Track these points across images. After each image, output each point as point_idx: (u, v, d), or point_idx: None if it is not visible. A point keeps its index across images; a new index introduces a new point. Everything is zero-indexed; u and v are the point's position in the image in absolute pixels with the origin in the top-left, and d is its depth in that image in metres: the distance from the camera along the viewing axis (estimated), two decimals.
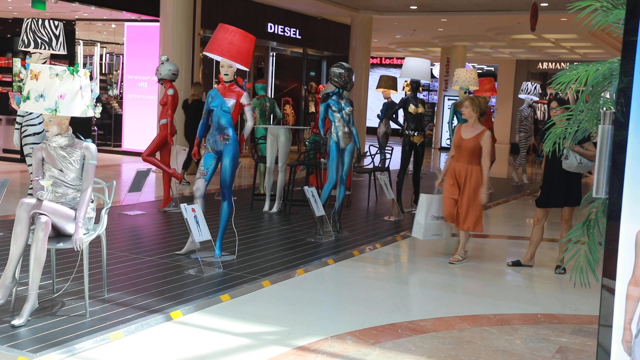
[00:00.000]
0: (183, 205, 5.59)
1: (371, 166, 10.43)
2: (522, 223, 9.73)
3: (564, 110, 5.85)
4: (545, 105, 23.14)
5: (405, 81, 14.33)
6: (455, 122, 10.66)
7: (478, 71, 12.97)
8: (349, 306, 5.11)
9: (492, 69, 29.30)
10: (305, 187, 7.19)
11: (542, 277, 6.33)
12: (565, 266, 6.31)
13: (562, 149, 4.94)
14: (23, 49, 6.35)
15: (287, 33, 18.73)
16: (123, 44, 15.94)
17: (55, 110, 4.19)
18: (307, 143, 10.30)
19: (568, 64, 24.85)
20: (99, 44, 19.35)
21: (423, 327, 4.66)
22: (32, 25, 6.29)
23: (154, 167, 8.54)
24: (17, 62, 16.72)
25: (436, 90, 26.66)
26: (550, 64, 27.32)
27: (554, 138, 3.69)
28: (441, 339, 4.43)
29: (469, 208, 6.49)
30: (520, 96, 13.30)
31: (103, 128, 16.44)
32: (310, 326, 4.55)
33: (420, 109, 9.10)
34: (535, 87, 13.17)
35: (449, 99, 22.98)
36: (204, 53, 6.28)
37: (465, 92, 10.69)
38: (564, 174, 6.15)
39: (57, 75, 4.20)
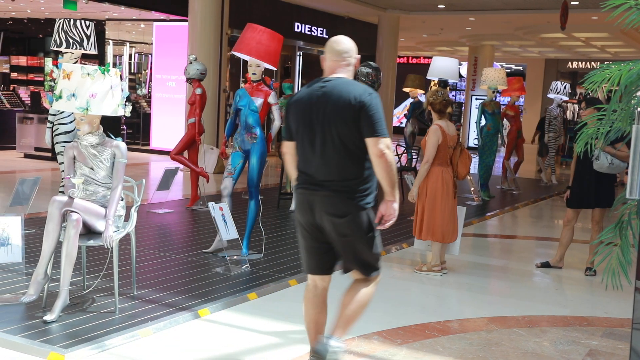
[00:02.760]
0: (211, 204, 5.63)
1: (398, 166, 10.39)
2: (551, 224, 9.62)
3: (594, 111, 5.76)
4: (575, 105, 22.85)
5: (433, 80, 14.23)
6: (483, 121, 10.58)
7: (506, 70, 12.84)
8: (375, 306, 5.08)
9: (521, 68, 29.01)
10: None
11: (572, 279, 6.25)
12: (596, 268, 6.23)
13: (594, 150, 4.86)
14: (55, 48, 6.45)
15: (314, 32, 18.75)
16: (152, 43, 16.10)
17: (87, 109, 4.25)
18: None
19: (599, 63, 24.52)
20: (128, 44, 19.56)
21: (450, 328, 4.63)
22: (64, 26, 6.38)
23: (182, 166, 8.60)
24: (48, 62, 17.01)
25: (463, 90, 26.48)
26: (580, 63, 26.98)
27: (585, 138, 3.64)
28: (469, 340, 4.40)
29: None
30: (549, 96, 13.15)
31: (132, 127, 16.61)
32: None
33: (448, 109, 9.04)
34: (565, 87, 13.01)
35: (476, 99, 22.80)
36: (232, 52, 6.31)
37: (493, 92, 10.60)
38: (596, 174, 6.07)
39: (88, 74, 4.26)
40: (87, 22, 6.49)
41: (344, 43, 3.55)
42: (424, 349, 4.19)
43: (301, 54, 20.20)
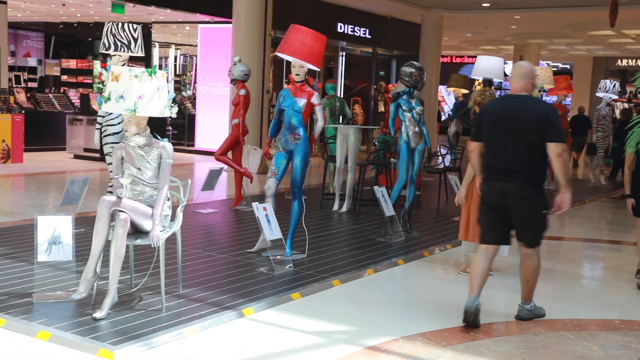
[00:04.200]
0: (255, 204, 5.68)
1: (442, 166, 10.31)
2: (599, 226, 9.41)
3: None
4: (625, 104, 22.29)
5: (477, 80, 14.07)
6: None
7: (552, 69, 12.61)
8: (419, 307, 5.07)
9: (568, 66, 28.46)
10: (375, 187, 7.17)
11: (621, 281, 6.10)
12: None
13: None
14: (104, 51, 6.58)
15: (357, 33, 18.73)
16: (196, 45, 16.31)
17: (134, 110, 4.33)
18: (376, 143, 10.27)
19: None
20: (173, 46, 19.86)
21: (496, 330, 4.57)
22: (113, 29, 6.51)
23: (226, 166, 8.69)
24: (97, 65, 17.38)
25: (508, 89, 26.11)
26: (630, 60, 26.31)
27: (637, 138, 3.55)
28: (515, 342, 4.34)
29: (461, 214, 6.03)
30: (598, 94, 12.87)
31: (177, 128, 16.86)
32: (380, 326, 4.54)
33: None
34: (614, 85, 12.70)
35: None
36: (276, 53, 6.35)
37: (539, 91, 10.43)
38: None
39: (136, 76, 4.34)
40: (135, 25, 6.61)
41: (526, 68, 4.62)
42: (468, 351, 4.14)
43: (344, 54, 20.20)
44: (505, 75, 24.73)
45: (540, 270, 4.75)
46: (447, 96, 27.25)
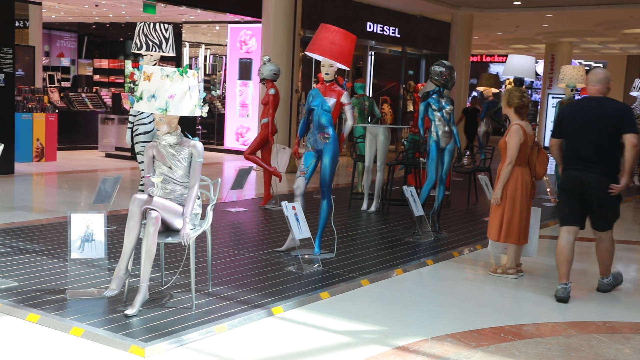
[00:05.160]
0: (284, 203, 5.69)
1: (471, 167, 10.23)
2: (633, 227, 9.25)
3: None
4: None
5: (508, 79, 13.93)
6: None
7: (585, 68, 12.44)
8: (448, 308, 5.03)
9: (601, 65, 28.00)
10: (404, 187, 7.15)
11: None
12: None
13: None
14: (136, 51, 6.65)
15: (386, 32, 18.67)
16: (226, 45, 16.40)
17: (166, 109, 4.37)
18: (405, 142, 10.23)
19: None
20: (203, 46, 20.01)
21: (527, 331, 4.52)
22: (145, 29, 6.58)
23: (255, 165, 8.73)
24: (128, 65, 17.60)
25: (539, 89, 25.78)
26: None
27: None
28: (546, 345, 4.29)
29: (492, 214, 5.92)
30: (632, 94, 12.64)
31: (206, 127, 16.98)
32: (409, 326, 4.52)
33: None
34: None
35: (553, 97, 22.17)
36: (306, 53, 6.36)
37: (572, 90, 10.28)
38: None
39: (167, 76, 4.38)
40: (166, 25, 6.67)
41: (602, 74, 5.36)
42: (499, 353, 4.11)
43: (373, 53, 20.15)
44: (537, 74, 24.48)
45: (614, 249, 5.54)
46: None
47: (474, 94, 26.28)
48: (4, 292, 4.67)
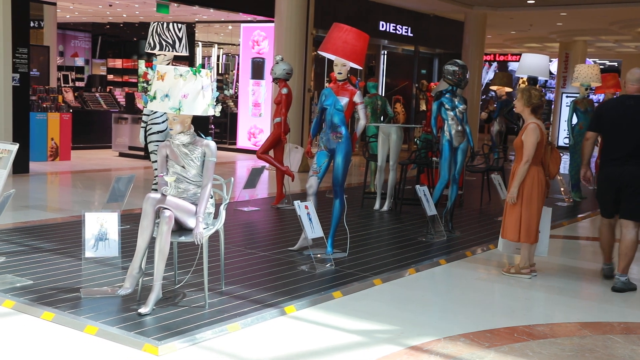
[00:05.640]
0: (296, 203, 5.70)
1: (484, 166, 10.19)
2: None
3: None
4: None
5: (521, 78, 13.87)
6: (574, 120, 10.21)
7: (600, 67, 12.34)
8: (461, 307, 5.02)
9: (615, 64, 27.80)
10: (417, 186, 7.13)
11: None
12: None
13: None
14: (149, 51, 6.68)
15: (399, 31, 18.64)
16: (239, 44, 16.44)
17: (179, 109, 4.39)
18: (417, 142, 10.21)
19: None
20: (216, 45, 20.06)
21: (541, 332, 4.50)
22: (158, 29, 6.60)
23: (267, 165, 8.75)
24: (142, 64, 17.69)
25: (553, 88, 25.64)
26: None
27: None
28: (560, 345, 4.26)
29: (506, 213, 5.86)
30: None
31: (219, 126, 17.03)
32: (422, 326, 4.51)
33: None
34: None
35: (567, 96, 22.03)
36: (318, 52, 6.36)
37: (586, 89, 10.22)
38: None
39: (181, 75, 4.39)
40: (179, 25, 6.69)
41: (639, 74, 5.75)
42: (512, 353, 4.09)
43: (386, 52, 20.12)
44: (551, 73, 24.35)
45: (637, 247, 5.68)
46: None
47: (491, 93, 26.18)
48: (19, 290, 4.71)
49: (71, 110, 13.30)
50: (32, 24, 14.21)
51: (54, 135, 12.42)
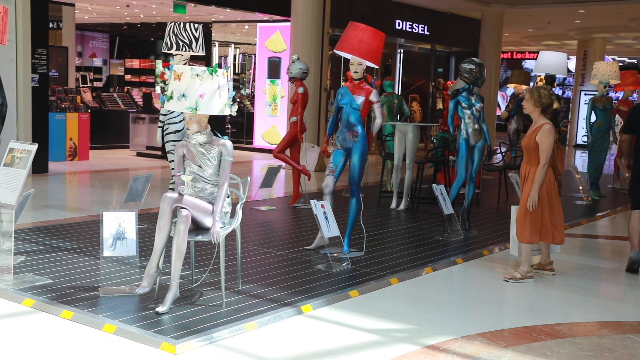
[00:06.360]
0: (313, 202, 5.70)
1: (502, 164, 10.12)
2: None
3: None
4: None
5: (539, 76, 13.75)
6: (593, 118, 10.12)
7: (619, 64, 12.22)
8: (478, 307, 4.99)
9: (635, 61, 27.50)
10: (434, 185, 7.11)
11: None
12: None
13: None
14: (166, 51, 6.71)
15: (415, 29, 18.57)
16: (255, 44, 16.47)
17: (196, 109, 4.40)
18: (434, 140, 10.17)
19: None
20: (232, 45, 20.12)
21: (559, 331, 4.46)
22: (175, 29, 6.63)
23: (284, 164, 8.76)
24: (159, 64, 17.79)
25: (571, 86, 25.42)
26: None
27: None
28: (579, 344, 4.23)
29: (529, 218, 5.69)
30: None
31: (235, 126, 17.08)
32: (439, 325, 4.50)
33: (555, 105, 8.71)
34: None
35: (585, 94, 21.84)
36: (334, 51, 6.35)
37: (605, 87, 10.13)
38: None
39: (197, 75, 4.41)
40: (196, 25, 6.72)
41: None
42: (530, 352, 4.06)
43: (402, 51, 20.06)
44: (569, 71, 24.14)
45: None
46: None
47: (511, 90, 26.01)
48: (38, 289, 4.76)
49: (89, 111, 13.41)
50: (50, 25, 14.34)
51: (72, 135, 12.52)
